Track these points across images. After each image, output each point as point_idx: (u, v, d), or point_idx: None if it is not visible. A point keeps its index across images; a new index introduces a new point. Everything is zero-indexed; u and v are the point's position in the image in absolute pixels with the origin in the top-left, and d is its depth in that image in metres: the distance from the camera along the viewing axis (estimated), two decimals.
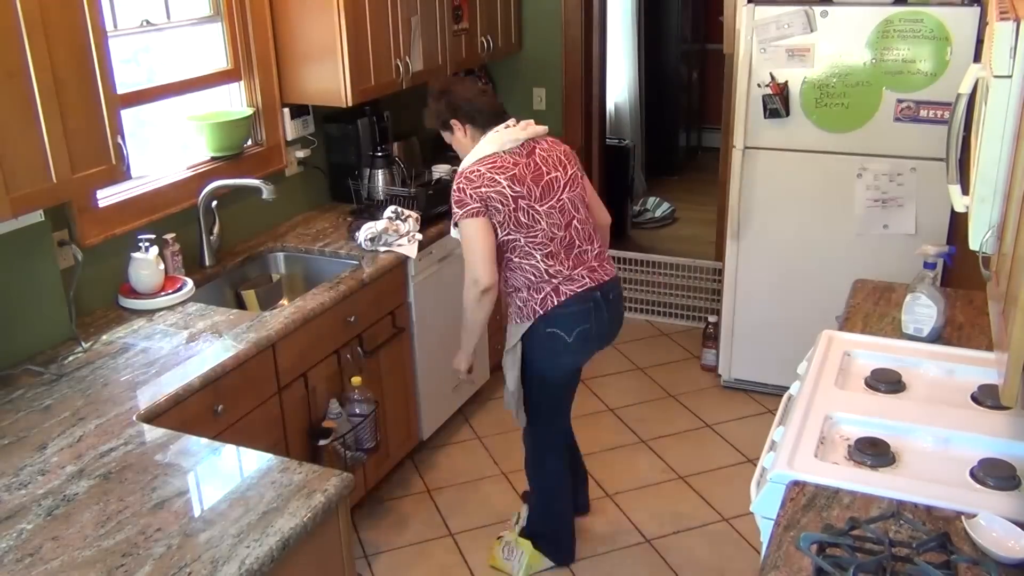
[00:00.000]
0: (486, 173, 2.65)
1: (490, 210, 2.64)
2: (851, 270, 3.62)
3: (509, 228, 2.68)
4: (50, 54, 2.17)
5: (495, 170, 2.65)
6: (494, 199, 2.63)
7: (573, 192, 2.78)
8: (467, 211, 2.64)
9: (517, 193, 2.66)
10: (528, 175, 2.69)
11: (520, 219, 2.68)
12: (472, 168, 2.67)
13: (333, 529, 1.96)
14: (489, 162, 2.67)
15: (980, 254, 1.75)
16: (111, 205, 2.88)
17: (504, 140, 2.71)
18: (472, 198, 2.63)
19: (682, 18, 7.22)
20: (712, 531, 3.29)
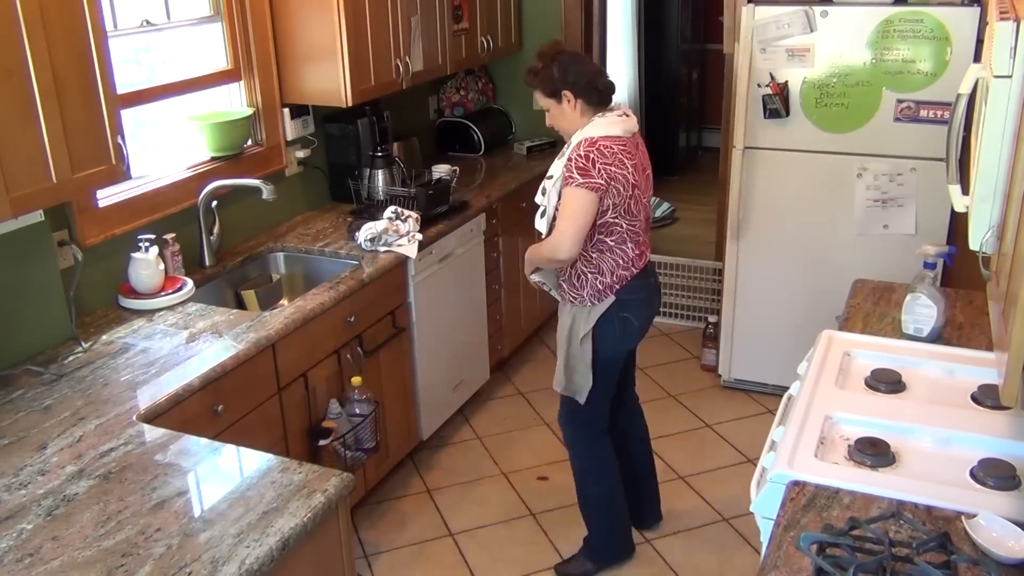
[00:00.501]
0: (618, 153, 2.61)
1: (610, 190, 2.60)
2: (851, 270, 3.61)
3: (619, 212, 2.67)
4: (50, 54, 2.17)
5: (624, 153, 2.63)
6: (618, 181, 2.61)
7: (651, 191, 2.86)
8: (589, 183, 2.57)
9: (636, 181, 2.67)
10: (641, 166, 2.72)
11: (631, 207, 2.68)
12: (605, 142, 2.61)
13: (333, 529, 1.96)
14: (620, 143, 2.64)
15: (980, 254, 1.75)
16: (111, 205, 2.88)
17: (629, 127, 2.70)
18: (600, 173, 2.58)
19: (682, 18, 7.22)
20: (712, 531, 3.29)
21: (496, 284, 4.18)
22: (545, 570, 3.11)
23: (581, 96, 2.69)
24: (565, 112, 2.72)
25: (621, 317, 2.78)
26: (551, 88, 2.70)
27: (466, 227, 3.80)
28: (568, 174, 2.60)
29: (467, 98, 4.89)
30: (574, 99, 2.69)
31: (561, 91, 2.69)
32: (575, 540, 3.23)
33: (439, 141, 4.79)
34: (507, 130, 4.93)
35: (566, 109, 2.71)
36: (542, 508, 3.43)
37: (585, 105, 2.70)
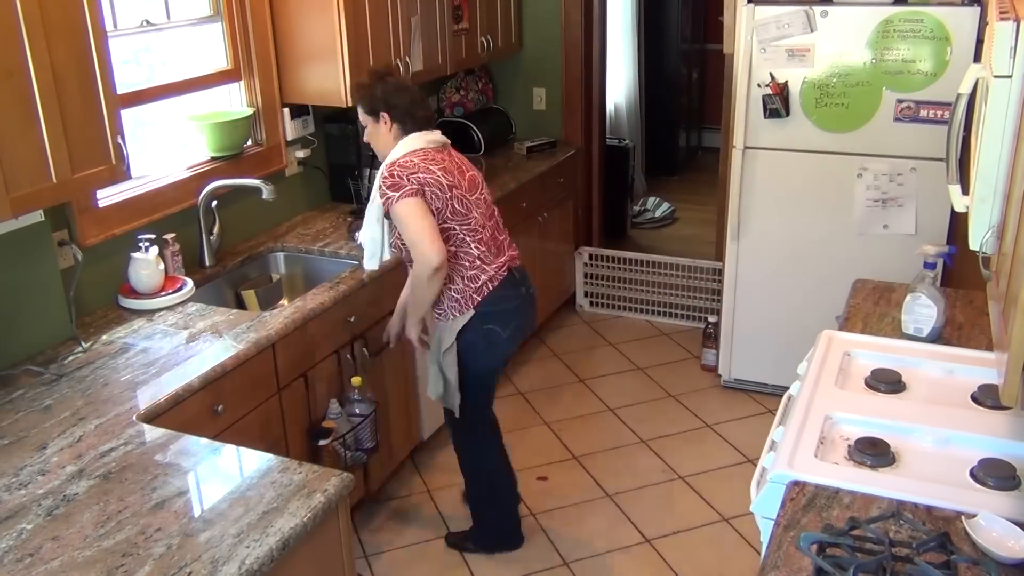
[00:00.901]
0: (420, 163, 2.68)
1: (427, 195, 2.66)
2: (851, 270, 3.62)
3: (446, 215, 2.71)
4: (50, 54, 2.17)
5: (428, 161, 2.70)
6: (431, 185, 2.66)
7: (487, 192, 2.91)
8: (405, 191, 2.63)
9: (451, 182, 2.71)
10: (454, 169, 2.77)
11: (456, 207, 2.72)
12: (405, 158, 2.69)
13: (333, 529, 1.96)
14: (420, 155, 2.71)
15: (980, 254, 1.75)
16: (111, 205, 2.88)
17: (431, 139, 2.78)
18: (409, 180, 2.64)
19: (682, 18, 7.22)
20: (712, 531, 3.29)
21: None
22: (545, 570, 3.11)
23: (397, 121, 2.75)
24: (380, 132, 2.78)
25: (485, 329, 2.81)
26: (371, 106, 2.77)
27: None
28: (384, 199, 2.67)
29: (467, 98, 4.89)
30: (390, 122, 2.75)
31: (380, 111, 2.75)
32: (575, 539, 3.24)
33: None
34: (507, 130, 4.93)
35: (382, 129, 2.78)
36: (542, 508, 3.43)
37: (399, 130, 2.76)
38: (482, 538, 3.20)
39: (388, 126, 2.76)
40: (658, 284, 4.99)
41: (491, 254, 2.82)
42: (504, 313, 2.83)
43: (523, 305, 2.91)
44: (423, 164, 2.68)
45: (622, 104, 6.80)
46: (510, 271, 2.86)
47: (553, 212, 4.72)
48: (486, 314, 2.80)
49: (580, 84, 4.94)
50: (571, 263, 5.09)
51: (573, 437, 3.91)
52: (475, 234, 2.78)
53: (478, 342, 2.83)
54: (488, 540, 3.20)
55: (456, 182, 2.74)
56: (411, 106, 2.76)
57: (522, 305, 2.91)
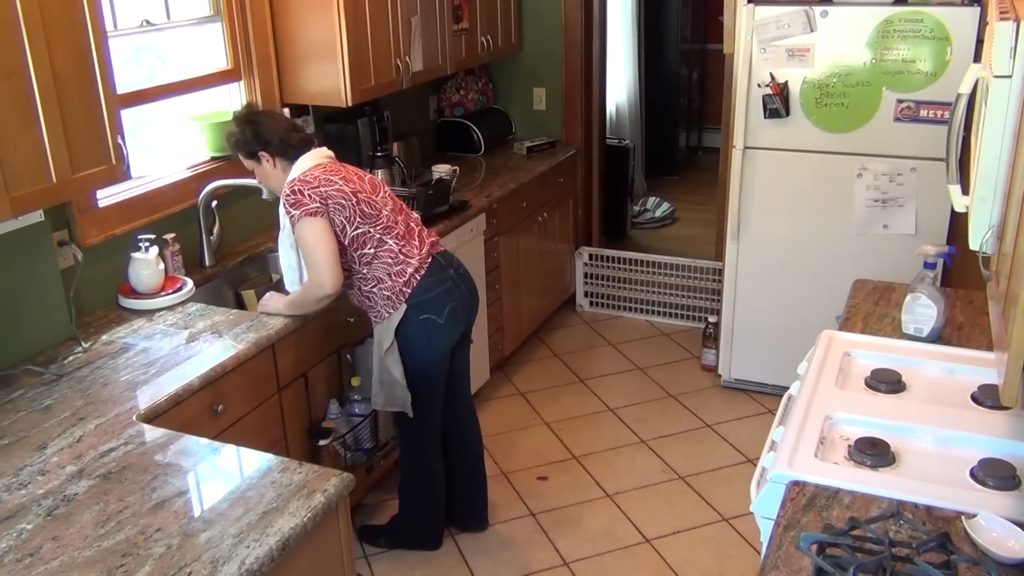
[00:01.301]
0: (321, 175, 2.67)
1: (331, 209, 2.64)
2: (851, 270, 3.62)
3: (357, 221, 2.69)
4: (50, 54, 2.17)
5: (328, 173, 2.69)
6: (335, 196, 2.65)
7: (388, 188, 2.89)
8: (306, 210, 2.61)
9: (354, 188, 2.71)
10: (353, 176, 2.76)
11: (365, 210, 2.71)
12: (304, 175, 2.67)
13: (333, 529, 1.96)
14: (319, 169, 2.70)
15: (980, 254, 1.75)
16: (111, 205, 2.88)
17: (320, 156, 2.77)
18: (311, 198, 2.62)
19: (682, 18, 7.22)
20: (712, 531, 3.29)
21: (496, 284, 4.17)
22: (545, 570, 3.11)
23: (277, 155, 2.74)
24: (267, 171, 2.78)
25: (421, 320, 2.80)
26: (247, 151, 2.77)
27: (466, 227, 3.80)
28: (288, 213, 2.65)
29: (467, 98, 4.89)
30: (271, 158, 2.75)
31: (258, 152, 2.74)
32: (576, 539, 3.24)
33: (439, 141, 4.80)
34: (507, 130, 4.93)
35: (267, 168, 2.77)
36: (542, 508, 3.43)
37: (284, 162, 2.75)
38: (399, 534, 3.18)
39: (272, 163, 2.75)
40: (658, 284, 4.99)
41: (411, 246, 2.79)
42: (436, 299, 2.81)
43: (454, 288, 2.86)
44: (324, 176, 2.67)
45: (622, 104, 6.80)
46: (433, 258, 2.84)
47: (553, 212, 4.72)
48: (418, 304, 2.78)
49: (580, 84, 4.94)
50: (571, 263, 5.09)
51: (573, 437, 3.91)
52: (390, 231, 2.76)
53: (417, 335, 2.80)
54: (406, 536, 3.18)
55: (359, 187, 2.73)
56: (284, 135, 2.74)
57: (453, 288, 2.85)
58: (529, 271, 4.51)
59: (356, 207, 2.69)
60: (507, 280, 4.27)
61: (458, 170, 4.00)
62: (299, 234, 2.65)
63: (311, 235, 2.62)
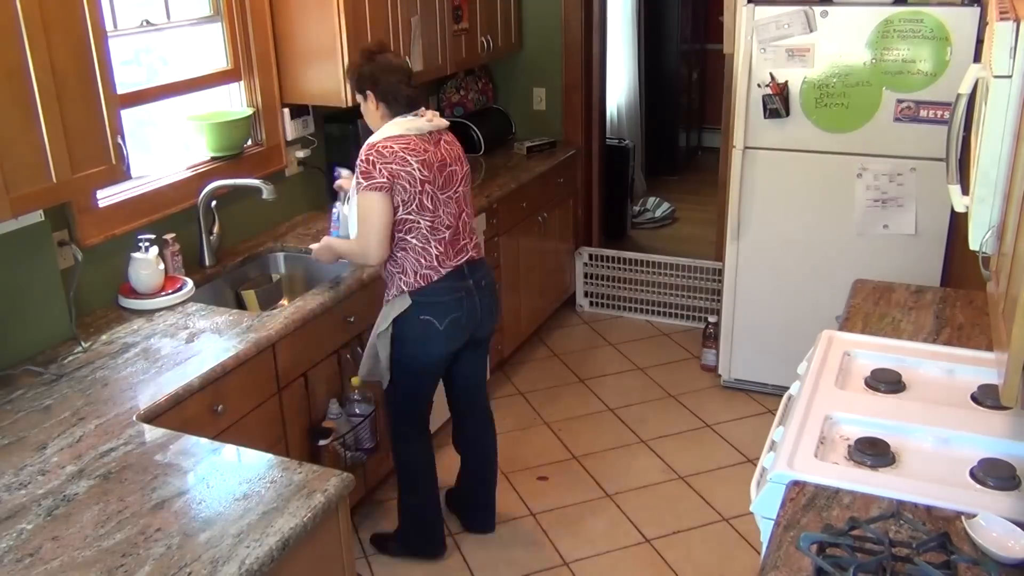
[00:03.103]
0: (399, 152, 2.67)
1: (395, 189, 2.67)
2: (851, 270, 3.62)
3: (412, 208, 2.71)
4: (50, 54, 2.17)
5: (407, 151, 2.69)
6: (403, 178, 2.67)
7: (466, 188, 2.89)
8: (373, 183, 2.65)
9: (425, 177, 2.71)
10: (435, 162, 2.75)
11: (423, 202, 2.72)
12: (384, 143, 2.68)
13: (333, 529, 1.96)
14: (402, 142, 2.70)
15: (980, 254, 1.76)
16: (111, 205, 2.88)
17: (413, 127, 2.75)
18: (381, 173, 2.65)
19: (682, 18, 7.22)
20: (712, 531, 3.29)
21: (496, 284, 4.16)
22: (545, 570, 3.11)
23: (382, 100, 2.77)
24: (369, 110, 2.82)
25: (422, 320, 2.80)
26: (358, 85, 2.80)
27: None
28: (357, 179, 2.71)
29: (467, 98, 4.89)
30: (376, 101, 2.78)
31: (366, 90, 2.78)
32: (576, 539, 3.24)
33: None
34: (507, 130, 4.93)
35: (370, 107, 2.81)
36: (542, 508, 3.43)
37: (386, 109, 2.77)
38: (404, 539, 3.16)
39: (375, 104, 2.78)
40: (658, 284, 4.99)
41: (447, 257, 2.80)
42: (442, 305, 2.80)
43: (465, 298, 2.84)
44: (400, 153, 2.67)
45: (622, 104, 6.79)
46: (459, 267, 2.84)
47: (553, 212, 4.72)
48: (423, 304, 2.79)
49: (580, 84, 4.94)
50: (571, 263, 5.09)
51: (573, 437, 3.91)
52: (437, 233, 2.77)
53: (414, 332, 2.82)
54: (410, 542, 3.16)
55: (431, 178, 2.73)
56: (395, 86, 2.75)
57: (464, 299, 2.84)
58: (529, 271, 4.51)
59: (418, 195, 2.70)
60: (507, 280, 4.27)
61: None
62: (360, 201, 2.70)
63: (369, 207, 2.68)
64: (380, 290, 3.20)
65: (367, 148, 2.69)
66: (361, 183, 2.67)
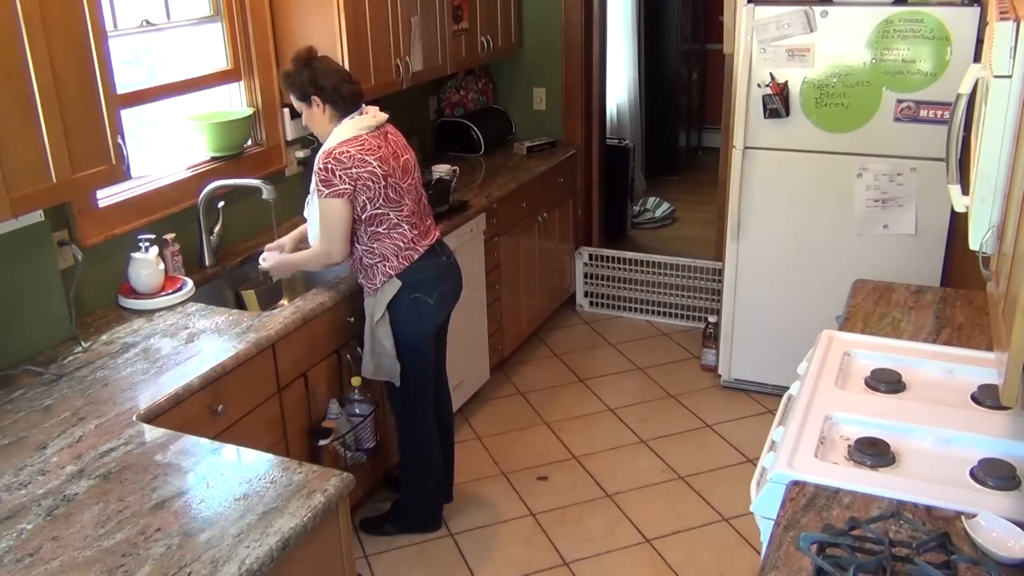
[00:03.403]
0: (356, 155, 2.77)
1: (358, 190, 2.78)
2: (851, 270, 3.62)
3: (379, 203, 2.84)
4: (50, 54, 2.17)
5: (364, 152, 2.79)
6: (364, 178, 2.78)
7: (418, 174, 3.03)
8: (335, 191, 2.77)
9: (385, 171, 2.82)
10: (390, 156, 2.87)
11: (390, 195, 2.85)
12: (341, 149, 2.77)
13: (333, 529, 1.96)
14: (357, 144, 2.79)
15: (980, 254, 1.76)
16: (111, 205, 2.88)
17: (363, 125, 2.84)
18: (342, 179, 2.76)
19: (682, 18, 7.22)
20: (712, 531, 3.29)
21: (496, 284, 4.18)
22: (545, 570, 3.11)
23: (328, 102, 2.83)
24: (315, 115, 2.88)
25: (412, 298, 2.95)
26: (300, 92, 2.85)
27: (466, 227, 3.80)
28: (316, 187, 2.80)
29: (467, 98, 4.89)
30: (322, 104, 2.84)
31: (310, 96, 2.84)
32: (576, 539, 3.24)
33: (439, 141, 4.80)
34: (507, 130, 4.93)
35: (315, 112, 2.87)
36: (542, 508, 3.43)
37: (333, 111, 2.85)
38: (403, 518, 3.28)
39: (321, 108, 2.84)
40: (658, 284, 4.99)
41: (421, 237, 2.97)
42: (429, 281, 2.98)
43: (445, 272, 3.05)
44: (358, 156, 2.77)
45: (622, 104, 6.79)
46: (432, 247, 3.01)
47: (553, 212, 4.72)
48: (412, 283, 2.93)
49: (580, 84, 4.94)
50: (571, 263, 5.09)
51: (573, 437, 3.91)
52: (409, 219, 2.92)
53: (408, 312, 2.95)
54: (409, 520, 3.29)
55: (391, 170, 2.84)
56: (339, 85, 2.83)
57: (445, 272, 3.05)
58: (529, 271, 4.51)
59: (383, 191, 2.82)
60: (507, 280, 4.27)
61: (458, 170, 4.00)
62: (322, 207, 2.81)
63: (332, 212, 2.80)
64: None
65: (324, 156, 2.77)
66: (322, 190, 2.77)
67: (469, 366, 3.97)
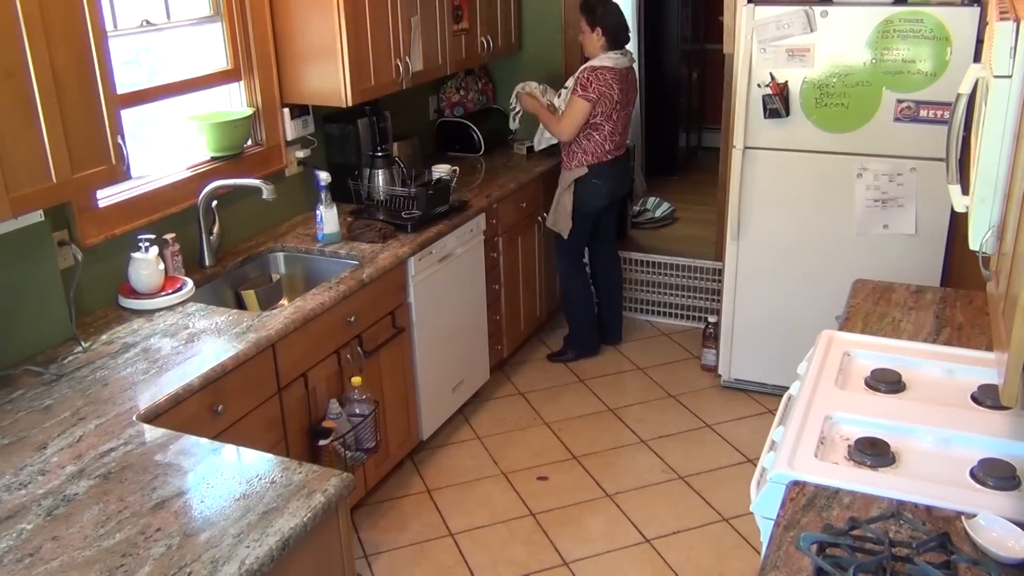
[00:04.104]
0: (608, 79, 3.99)
1: (599, 102, 3.99)
2: (851, 270, 3.62)
3: (604, 117, 4.05)
4: (50, 54, 2.17)
5: (613, 79, 4.01)
6: (605, 97, 4.01)
7: (632, 108, 4.23)
8: (586, 95, 3.99)
9: (619, 99, 4.05)
10: (627, 88, 4.10)
11: (611, 115, 4.06)
12: (601, 69, 3.99)
13: (333, 529, 1.96)
14: (611, 72, 4.00)
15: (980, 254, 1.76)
16: (111, 205, 2.88)
17: (620, 62, 4.05)
18: (595, 90, 3.98)
19: (682, 18, 7.21)
20: (712, 531, 3.29)
21: (496, 284, 4.18)
22: (545, 570, 3.11)
23: (606, 36, 4.01)
24: (592, 39, 4.04)
25: (593, 183, 4.17)
26: (591, 21, 4.02)
27: (466, 227, 3.81)
28: (575, 87, 4.01)
29: (467, 98, 4.89)
30: (601, 35, 4.01)
31: (596, 26, 4.00)
32: (576, 539, 3.24)
33: (439, 141, 4.79)
34: (507, 130, 4.92)
35: (594, 38, 4.03)
36: (542, 508, 3.43)
37: (605, 41, 4.01)
38: (571, 343, 4.54)
39: (600, 36, 4.00)
40: (658, 284, 4.99)
41: (613, 148, 4.16)
42: (605, 175, 4.18)
43: (619, 176, 4.29)
44: (608, 79, 3.99)
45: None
46: (617, 157, 4.19)
47: None
48: (594, 172, 4.15)
49: None
50: None
51: (573, 437, 3.91)
52: (612, 133, 4.12)
53: (585, 191, 4.18)
54: (575, 345, 4.54)
55: (623, 100, 4.07)
56: (618, 29, 4.05)
57: (618, 176, 4.27)
58: (529, 271, 4.51)
59: (612, 109, 4.05)
60: (507, 280, 4.27)
61: (458, 170, 3.99)
62: (572, 102, 4.02)
63: (578, 108, 4.03)
64: (381, 289, 3.23)
65: (589, 69, 4.00)
66: (577, 91, 3.99)
67: (469, 366, 3.97)
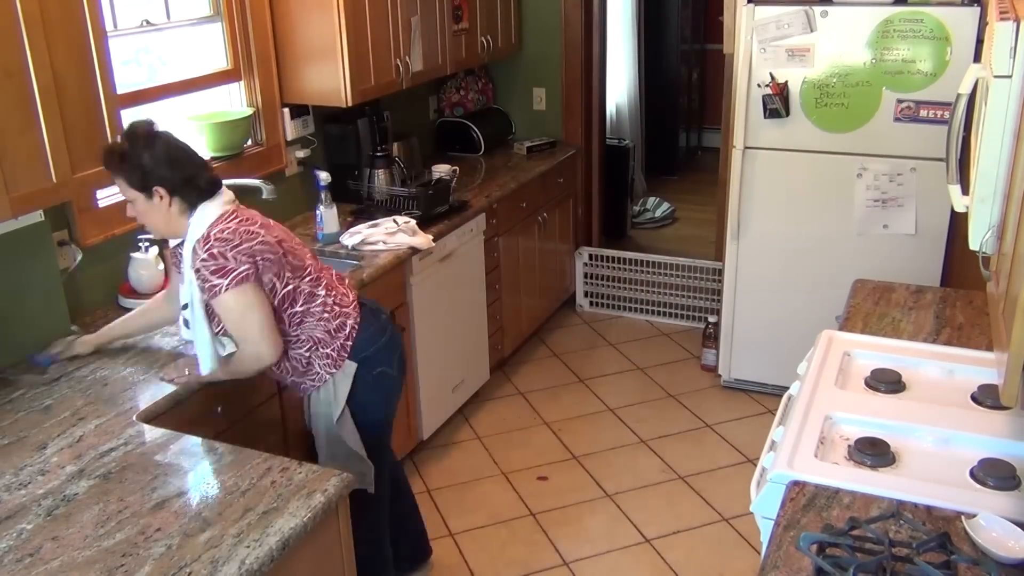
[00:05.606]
0: (238, 228, 2.21)
1: (261, 268, 2.22)
2: (851, 270, 3.62)
3: (287, 276, 2.30)
4: (50, 54, 2.17)
5: (244, 223, 2.23)
6: (262, 251, 2.22)
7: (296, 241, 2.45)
8: (236, 276, 2.17)
9: (278, 236, 2.30)
10: (269, 221, 2.36)
11: (292, 261, 2.32)
12: (218, 228, 2.19)
13: (333, 529, 1.96)
14: (233, 219, 2.23)
15: (980, 254, 1.76)
16: (111, 205, 2.88)
17: (227, 200, 2.28)
18: (238, 260, 2.17)
19: (682, 18, 7.22)
20: (712, 531, 3.29)
21: (496, 284, 4.18)
22: (545, 570, 3.11)
23: (177, 195, 2.20)
24: (158, 210, 2.22)
25: (376, 375, 2.46)
26: (140, 181, 2.19)
27: (466, 227, 3.81)
28: (207, 288, 2.19)
29: (467, 98, 4.89)
30: (168, 196, 2.20)
31: (152, 187, 2.19)
32: (575, 539, 3.24)
33: (439, 141, 4.80)
34: (507, 130, 4.93)
35: (159, 207, 2.21)
36: (542, 508, 3.43)
37: (182, 205, 2.22)
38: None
39: (167, 202, 2.20)
40: (658, 284, 4.99)
41: (340, 295, 2.43)
42: (385, 349, 2.48)
43: (394, 334, 2.55)
44: (243, 228, 2.21)
45: (622, 104, 6.79)
46: (361, 303, 2.50)
47: (553, 212, 4.72)
48: (369, 358, 2.44)
49: (580, 84, 4.94)
50: (571, 263, 5.09)
51: (573, 437, 3.91)
52: (318, 281, 2.38)
53: (375, 391, 2.47)
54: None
55: (281, 234, 2.33)
56: (194, 174, 2.22)
57: (393, 334, 2.55)
58: (529, 271, 4.51)
59: (284, 259, 2.28)
60: (507, 280, 4.27)
61: (458, 170, 4.00)
62: (225, 305, 2.20)
63: (242, 305, 2.20)
64: (381, 289, 3.21)
65: (202, 244, 2.18)
66: (220, 285, 2.17)
67: (469, 366, 3.97)
